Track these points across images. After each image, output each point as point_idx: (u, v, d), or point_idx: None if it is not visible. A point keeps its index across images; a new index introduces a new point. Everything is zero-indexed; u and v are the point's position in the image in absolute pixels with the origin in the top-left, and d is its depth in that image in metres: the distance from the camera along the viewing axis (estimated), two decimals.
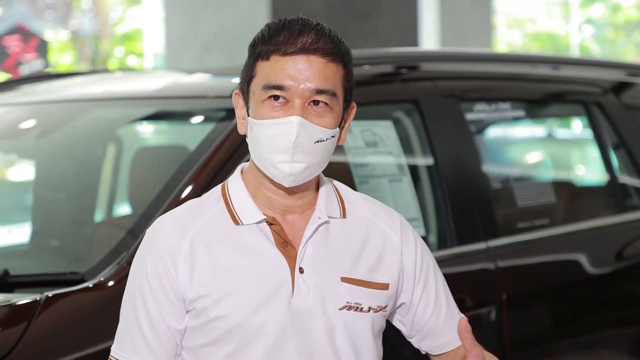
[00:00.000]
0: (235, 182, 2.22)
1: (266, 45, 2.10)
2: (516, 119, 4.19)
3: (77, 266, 3.15)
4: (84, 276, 2.85)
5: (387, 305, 2.21)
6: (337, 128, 2.14)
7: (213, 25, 8.47)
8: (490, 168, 3.83)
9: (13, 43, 10.42)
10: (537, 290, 3.64)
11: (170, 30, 8.96)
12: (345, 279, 2.17)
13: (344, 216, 2.22)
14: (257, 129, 2.11)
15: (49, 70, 10.71)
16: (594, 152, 4.37)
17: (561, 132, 7.52)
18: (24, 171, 5.38)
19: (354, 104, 2.20)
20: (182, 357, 2.18)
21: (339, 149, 3.45)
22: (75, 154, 3.96)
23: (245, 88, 2.15)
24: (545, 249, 3.76)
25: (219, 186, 2.24)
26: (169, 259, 2.13)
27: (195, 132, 3.41)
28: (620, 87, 4.37)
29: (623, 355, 3.88)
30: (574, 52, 19.53)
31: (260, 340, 2.11)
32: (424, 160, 3.60)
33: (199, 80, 3.96)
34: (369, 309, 2.18)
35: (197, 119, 3.72)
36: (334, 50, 2.10)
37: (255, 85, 2.11)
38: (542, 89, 4.21)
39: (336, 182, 2.29)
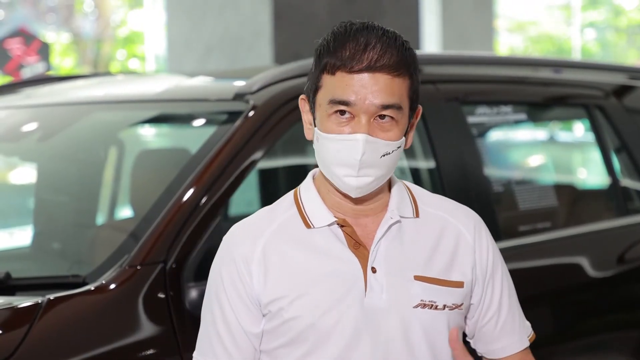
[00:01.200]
0: (307, 187, 2.25)
1: (332, 58, 2.11)
2: (518, 122, 4.20)
3: (78, 269, 3.15)
4: (86, 279, 2.86)
5: (462, 303, 2.22)
6: (403, 138, 2.14)
7: (215, 28, 8.48)
8: (491, 171, 3.83)
9: (15, 46, 10.42)
10: (539, 294, 3.64)
11: (172, 33, 8.96)
12: (418, 277, 2.18)
13: (417, 215, 2.24)
14: (323, 142, 2.13)
15: (51, 73, 10.72)
16: (595, 155, 4.37)
17: (563, 135, 7.52)
18: (25, 174, 5.38)
19: (419, 107, 2.21)
20: None
21: None
22: (77, 156, 3.96)
23: (311, 97, 2.17)
24: (547, 252, 3.76)
25: (291, 192, 2.27)
26: (243, 265, 2.18)
27: (197, 134, 3.41)
28: (622, 91, 4.37)
29: (625, 359, 3.88)
30: (576, 56, 19.53)
31: (334, 340, 2.14)
32: (425, 163, 3.60)
33: (200, 83, 3.96)
34: (444, 306, 2.18)
35: (199, 122, 3.72)
36: (399, 63, 2.10)
37: (321, 97, 2.13)
38: (543, 92, 4.21)
39: (407, 183, 2.31)
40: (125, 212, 4.18)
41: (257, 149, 3.10)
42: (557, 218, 4.01)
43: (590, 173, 5.40)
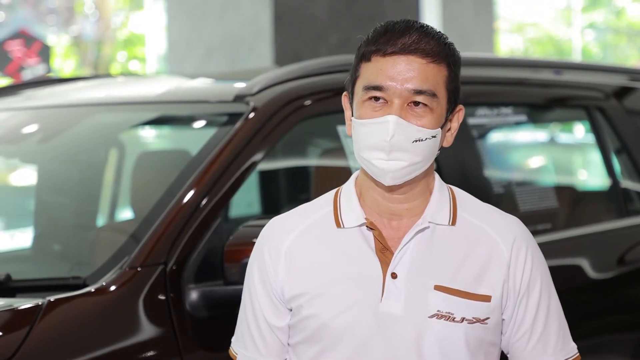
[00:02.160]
0: (348, 186, 2.24)
1: (369, 46, 2.12)
2: (518, 124, 4.19)
3: (79, 271, 3.15)
4: (86, 281, 2.86)
5: (487, 318, 2.15)
6: (439, 129, 2.12)
7: (216, 30, 8.47)
8: (492, 173, 3.83)
9: (15, 48, 10.43)
10: None
11: (173, 35, 8.96)
12: (439, 287, 2.13)
13: (453, 223, 2.19)
14: (356, 128, 2.12)
15: (52, 75, 10.72)
16: (596, 156, 4.37)
17: (563, 137, 7.52)
18: (26, 176, 5.38)
19: (461, 107, 2.19)
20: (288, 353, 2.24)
21: (340, 153, 3.44)
22: (77, 158, 3.96)
23: (350, 90, 2.17)
24: (547, 254, 3.73)
25: (333, 190, 2.26)
26: (270, 259, 2.19)
27: (197, 136, 3.42)
28: (622, 92, 4.37)
29: None
30: (576, 57, 19.53)
31: (345, 343, 2.13)
32: None
33: (201, 84, 3.96)
34: (462, 319, 2.13)
35: (200, 124, 3.72)
36: (436, 50, 2.10)
37: (358, 86, 2.13)
38: (544, 93, 4.21)
39: (455, 189, 2.27)
40: (125, 213, 4.18)
41: (257, 150, 3.11)
42: (558, 219, 4.01)
43: (591, 174, 5.40)
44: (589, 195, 4.75)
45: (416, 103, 2.09)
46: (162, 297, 2.81)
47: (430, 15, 10.77)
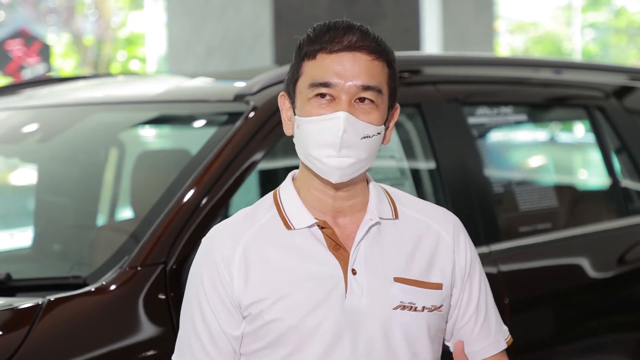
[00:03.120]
0: (286, 188, 2.24)
1: (312, 45, 2.13)
2: (518, 123, 4.19)
3: (79, 270, 3.15)
4: (86, 280, 2.86)
5: (442, 305, 2.22)
6: (383, 126, 2.15)
7: (216, 30, 8.47)
8: (492, 172, 3.83)
9: (15, 47, 10.43)
10: (540, 295, 3.64)
11: (173, 35, 8.96)
12: (398, 279, 2.18)
13: (396, 217, 2.24)
14: (303, 126, 2.13)
15: (52, 74, 10.72)
16: (596, 156, 4.37)
17: (563, 136, 7.52)
18: (26, 175, 5.38)
19: (397, 106, 2.22)
20: None
21: None
22: (77, 158, 3.96)
23: (291, 89, 2.18)
24: (548, 253, 3.75)
25: (271, 193, 2.27)
26: (224, 267, 2.17)
27: (197, 136, 3.42)
28: (622, 92, 4.37)
29: None
30: (576, 56, 19.52)
31: (315, 342, 2.13)
32: (426, 164, 3.60)
33: (201, 84, 3.96)
34: (423, 308, 2.18)
35: (200, 123, 3.72)
36: (379, 49, 2.13)
37: (302, 84, 2.14)
38: (544, 93, 4.21)
39: (384, 185, 2.31)
40: (125, 213, 4.18)
41: (257, 150, 3.11)
42: (558, 219, 4.01)
43: (591, 174, 5.40)
44: (589, 195, 4.75)
45: (362, 99, 2.11)
46: (162, 297, 2.81)
47: (431, 15, 10.76)
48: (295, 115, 2.16)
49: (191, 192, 2.96)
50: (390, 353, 2.16)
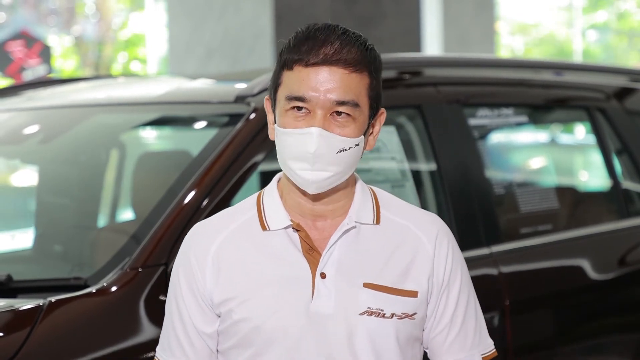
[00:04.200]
0: (270, 190, 2.25)
1: (291, 54, 2.12)
2: (519, 125, 4.19)
3: (80, 271, 3.15)
4: (87, 281, 2.86)
5: (415, 313, 2.19)
6: (362, 136, 2.14)
7: (216, 31, 8.48)
8: (493, 173, 3.83)
9: (16, 48, 10.43)
10: (540, 296, 3.64)
11: (174, 36, 8.97)
12: (368, 285, 2.17)
13: (377, 222, 2.22)
14: (280, 137, 2.14)
15: (52, 75, 10.72)
16: (596, 157, 4.37)
17: (564, 138, 7.51)
18: (27, 176, 5.38)
19: (382, 110, 2.20)
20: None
21: None
22: (78, 159, 3.96)
23: (272, 95, 2.18)
24: (549, 255, 3.75)
25: (256, 194, 2.27)
26: (197, 264, 2.19)
27: (198, 137, 3.42)
28: (623, 93, 4.37)
29: None
30: (577, 58, 19.52)
31: (279, 344, 2.14)
32: (426, 166, 3.60)
33: (202, 85, 3.96)
34: (392, 315, 2.17)
35: (200, 125, 3.72)
36: (357, 59, 2.10)
37: (280, 94, 2.14)
38: (545, 94, 4.21)
39: (375, 188, 2.30)
40: (126, 214, 4.18)
41: (258, 151, 3.11)
42: (559, 220, 4.01)
43: (592, 175, 5.40)
44: (589, 196, 4.75)
45: (339, 113, 2.10)
46: (163, 298, 2.80)
47: (431, 16, 10.77)
48: (275, 122, 2.17)
49: (192, 193, 2.96)
50: (355, 358, 2.15)
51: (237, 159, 3.05)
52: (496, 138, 4.27)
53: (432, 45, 10.98)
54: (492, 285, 3.44)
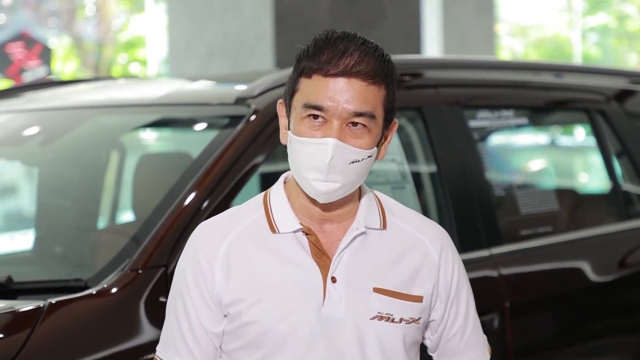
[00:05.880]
0: (277, 190, 2.26)
1: (310, 62, 2.12)
2: (519, 127, 4.19)
3: (80, 273, 3.15)
4: (88, 283, 2.86)
5: (420, 318, 2.23)
6: (375, 147, 2.16)
7: (217, 32, 8.48)
8: (493, 175, 3.83)
9: (16, 50, 10.44)
10: (540, 298, 3.64)
11: (174, 37, 8.97)
12: (377, 290, 2.19)
13: (384, 227, 2.25)
14: (295, 145, 2.14)
15: (52, 77, 10.72)
16: (596, 159, 4.37)
17: (564, 140, 7.52)
18: (27, 178, 5.38)
19: (395, 121, 2.22)
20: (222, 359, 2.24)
21: None
22: (78, 160, 3.96)
23: (287, 101, 2.18)
24: (549, 257, 3.76)
25: (262, 194, 2.28)
26: (206, 264, 2.19)
27: (198, 139, 3.42)
28: (623, 95, 4.38)
29: None
30: (577, 60, 19.52)
31: (290, 347, 2.15)
32: (427, 168, 3.61)
33: (202, 87, 3.96)
34: (401, 319, 2.20)
35: (201, 126, 3.72)
36: (376, 72, 2.11)
37: (297, 101, 2.14)
38: (545, 96, 4.21)
39: (378, 193, 2.32)
40: (126, 216, 4.18)
41: (258, 153, 3.11)
42: (559, 222, 4.01)
43: (592, 177, 5.40)
44: (590, 198, 4.76)
45: (355, 123, 2.12)
46: (163, 300, 2.81)
47: (431, 18, 10.77)
48: (289, 129, 2.17)
49: (192, 195, 2.96)
50: None
51: (237, 161, 3.05)
52: (496, 140, 4.27)
53: (433, 47, 10.98)
54: (492, 287, 3.44)
